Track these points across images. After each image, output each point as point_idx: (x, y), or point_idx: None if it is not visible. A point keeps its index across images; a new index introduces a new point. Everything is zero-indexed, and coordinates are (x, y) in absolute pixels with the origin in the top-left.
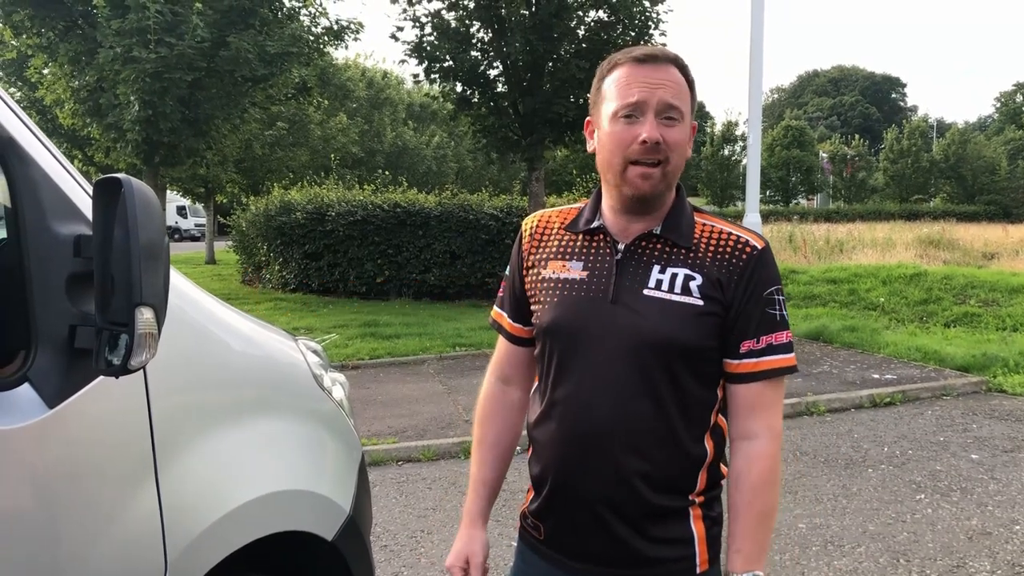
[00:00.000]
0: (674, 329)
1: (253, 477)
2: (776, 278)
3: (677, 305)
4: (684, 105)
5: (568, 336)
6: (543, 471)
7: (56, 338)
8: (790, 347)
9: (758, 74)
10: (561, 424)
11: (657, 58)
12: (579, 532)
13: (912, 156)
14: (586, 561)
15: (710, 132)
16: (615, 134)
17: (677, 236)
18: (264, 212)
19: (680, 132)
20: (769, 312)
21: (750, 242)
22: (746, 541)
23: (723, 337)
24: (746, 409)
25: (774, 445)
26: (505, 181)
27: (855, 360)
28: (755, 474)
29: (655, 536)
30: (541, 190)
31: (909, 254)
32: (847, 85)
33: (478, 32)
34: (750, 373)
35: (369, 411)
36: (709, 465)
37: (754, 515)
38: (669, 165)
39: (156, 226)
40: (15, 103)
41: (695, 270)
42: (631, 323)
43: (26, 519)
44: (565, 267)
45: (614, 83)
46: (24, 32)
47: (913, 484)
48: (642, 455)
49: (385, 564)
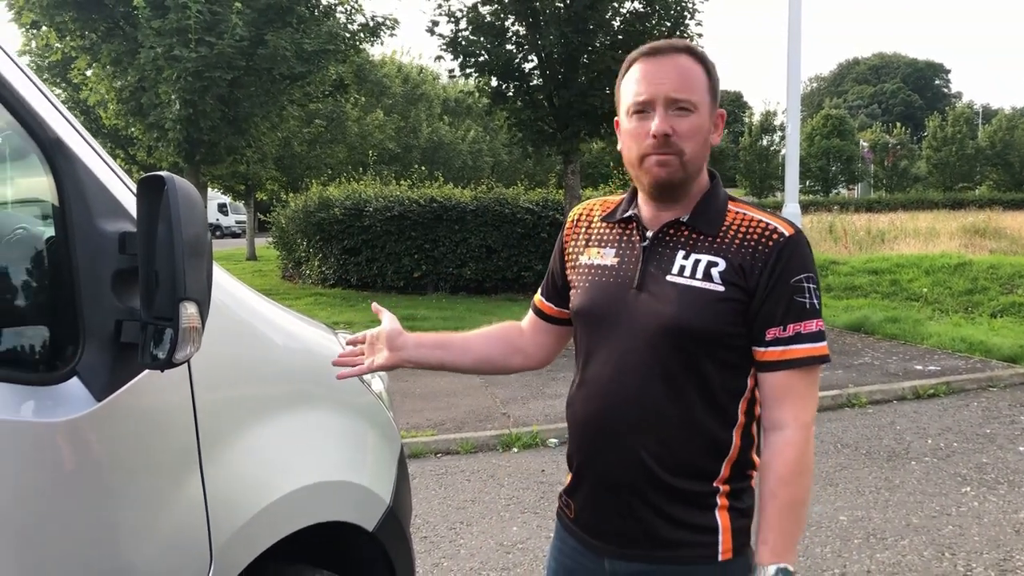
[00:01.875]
0: (692, 315)
1: (295, 468)
2: (806, 266)
3: (697, 291)
4: (696, 95)
5: (595, 320)
6: (573, 451)
7: (103, 333)
8: (821, 336)
9: (796, 62)
10: (585, 405)
11: (667, 51)
12: (603, 511)
13: (956, 143)
14: (609, 540)
15: (748, 122)
16: (631, 131)
17: (704, 223)
18: (303, 208)
19: (692, 121)
20: (798, 300)
21: (778, 228)
22: (771, 532)
23: (747, 324)
24: (774, 398)
25: (803, 435)
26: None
27: (897, 351)
28: (780, 464)
29: (675, 519)
30: (577, 183)
31: (953, 243)
32: (888, 72)
33: (513, 26)
34: (777, 361)
35: (407, 404)
36: (737, 454)
37: (779, 506)
38: (685, 155)
39: (199, 222)
40: (61, 104)
41: (719, 256)
42: (652, 309)
43: (77, 510)
44: (600, 254)
45: (629, 81)
46: (68, 34)
47: (958, 477)
48: (658, 438)
49: (425, 555)
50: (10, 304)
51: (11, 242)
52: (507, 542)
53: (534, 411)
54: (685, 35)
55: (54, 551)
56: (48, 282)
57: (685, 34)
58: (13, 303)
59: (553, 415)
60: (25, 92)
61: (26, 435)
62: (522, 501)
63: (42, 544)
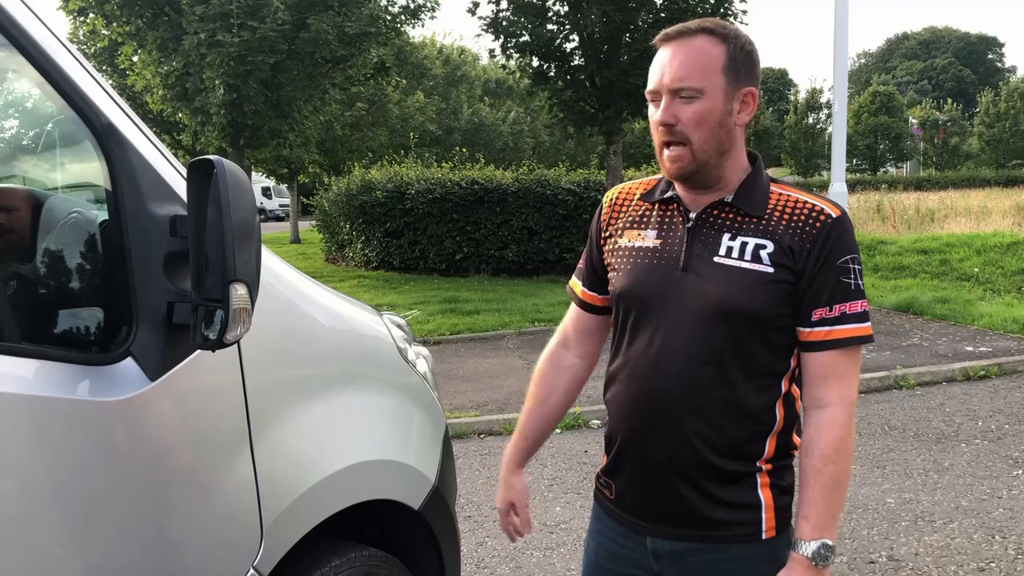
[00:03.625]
0: (742, 296)
1: (342, 448)
2: (852, 247)
3: (747, 272)
4: (703, 79)
5: (640, 301)
6: (613, 431)
7: (155, 314)
8: (865, 316)
9: (843, 38)
10: (629, 385)
11: (682, 32)
12: (645, 492)
13: (1010, 119)
14: (652, 520)
15: (793, 100)
16: (650, 119)
17: (749, 205)
18: (346, 191)
19: (697, 107)
20: (844, 281)
21: (825, 210)
22: (814, 508)
23: (794, 305)
24: (818, 378)
25: (846, 413)
26: (582, 155)
27: (947, 332)
28: (824, 441)
29: (720, 499)
30: (619, 163)
31: (1006, 222)
32: (939, 47)
33: (554, 5)
34: (823, 341)
35: (451, 385)
36: (779, 433)
37: (823, 482)
38: (693, 144)
39: (248, 205)
40: (113, 90)
41: (766, 238)
42: (700, 290)
43: (131, 486)
44: (640, 236)
45: (652, 66)
46: (114, 20)
47: (1010, 459)
48: (706, 419)
49: (469, 534)
50: (66, 286)
51: (66, 226)
52: (550, 522)
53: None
54: (729, 12)
55: (108, 526)
56: (102, 265)
57: (729, 11)
58: (68, 285)
59: (596, 397)
60: (79, 79)
61: (82, 413)
62: (565, 481)
63: (97, 519)
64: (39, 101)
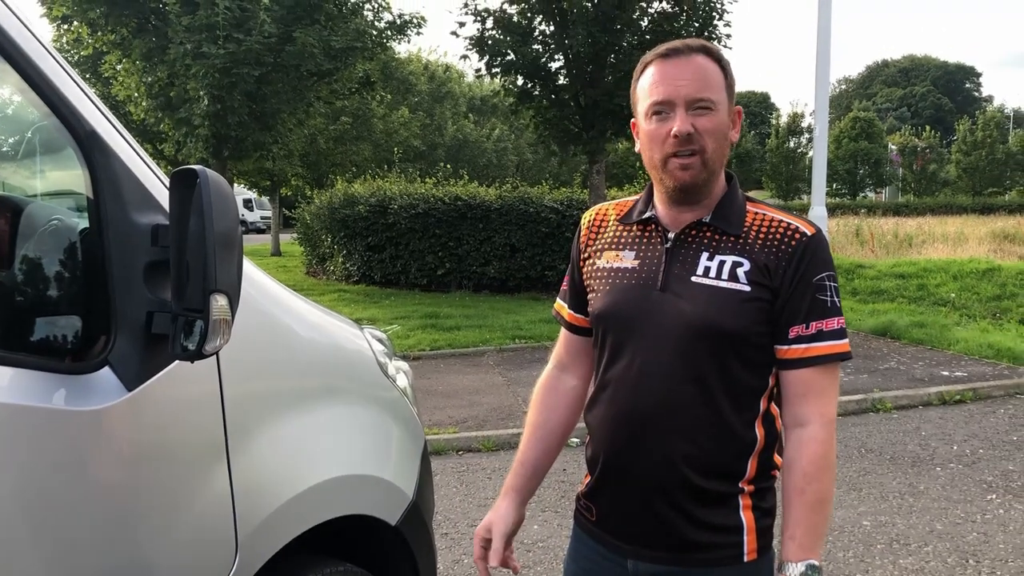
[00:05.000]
0: (720, 315)
1: (320, 461)
2: (827, 264)
3: (724, 291)
4: (715, 93)
5: (619, 322)
6: (594, 453)
7: (134, 324)
8: (842, 333)
9: (825, 64)
10: (610, 406)
11: (683, 51)
12: (627, 513)
13: (987, 148)
14: (634, 542)
15: (775, 124)
16: (650, 132)
17: (726, 224)
18: (328, 205)
19: (713, 119)
20: (820, 298)
21: (800, 228)
22: (799, 528)
23: (771, 323)
24: (797, 396)
25: (826, 431)
26: (565, 174)
27: (924, 357)
28: (806, 460)
29: (702, 521)
30: (602, 183)
31: (982, 249)
32: (918, 75)
33: (540, 25)
34: (800, 359)
35: (430, 401)
36: (760, 452)
37: (806, 502)
38: (707, 153)
39: (230, 215)
40: (96, 98)
41: (743, 256)
42: (679, 310)
43: (105, 497)
44: (619, 256)
45: (646, 82)
46: (99, 29)
47: (984, 484)
48: (688, 439)
49: (446, 551)
50: (44, 294)
51: (46, 233)
52: (528, 540)
53: None
54: (713, 36)
55: (81, 538)
56: (81, 273)
57: (713, 35)
58: (47, 293)
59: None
60: (62, 85)
61: (58, 422)
62: (543, 500)
63: (69, 530)
64: (20, 107)
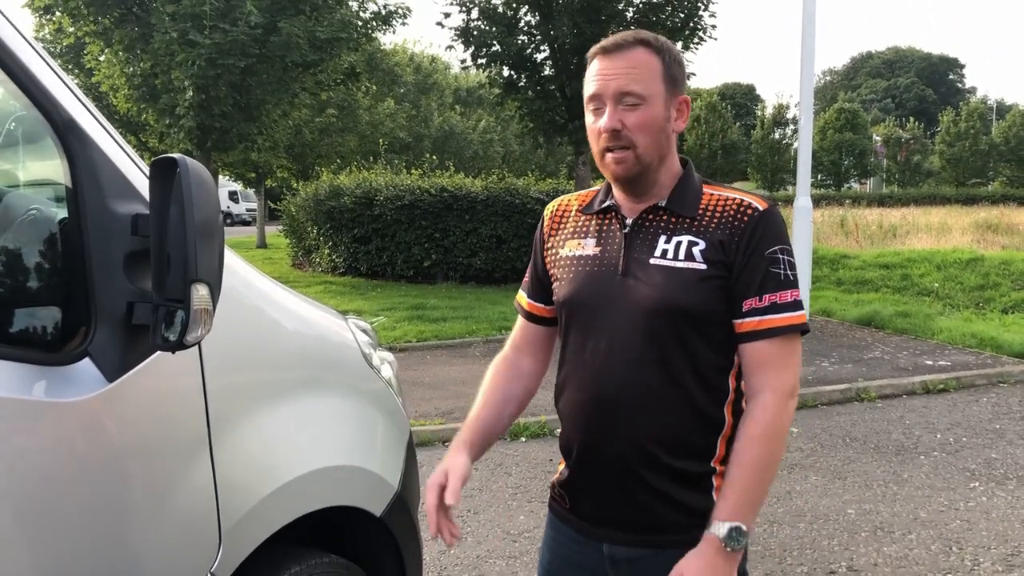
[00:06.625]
0: (679, 294)
1: (304, 453)
2: (781, 238)
3: (681, 271)
4: (646, 87)
5: (582, 308)
6: (566, 440)
7: (115, 314)
8: (797, 305)
9: (810, 56)
10: (579, 392)
11: (620, 45)
12: (602, 498)
13: (970, 139)
14: (609, 526)
15: (760, 115)
16: (589, 127)
17: (681, 207)
18: (314, 197)
19: (642, 114)
20: (773, 271)
21: (752, 204)
22: (730, 489)
23: (730, 300)
24: (753, 368)
25: (776, 399)
26: (552, 165)
27: (908, 346)
28: (751, 424)
29: (676, 501)
30: (587, 174)
31: (965, 239)
32: (902, 67)
33: (525, 16)
34: (754, 331)
35: (416, 392)
36: (730, 431)
37: (744, 464)
38: (639, 148)
39: (211, 205)
40: (75, 87)
41: (699, 236)
42: (640, 292)
43: (87, 490)
44: (580, 245)
45: (587, 76)
46: (81, 19)
47: (967, 472)
48: (656, 419)
49: (432, 542)
50: (23, 285)
51: (24, 223)
52: (514, 531)
53: (541, 401)
54: (699, 26)
55: (61, 530)
56: (60, 263)
57: (699, 26)
58: (26, 284)
59: None
60: (40, 74)
61: (38, 414)
62: (529, 490)
63: (50, 522)
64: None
